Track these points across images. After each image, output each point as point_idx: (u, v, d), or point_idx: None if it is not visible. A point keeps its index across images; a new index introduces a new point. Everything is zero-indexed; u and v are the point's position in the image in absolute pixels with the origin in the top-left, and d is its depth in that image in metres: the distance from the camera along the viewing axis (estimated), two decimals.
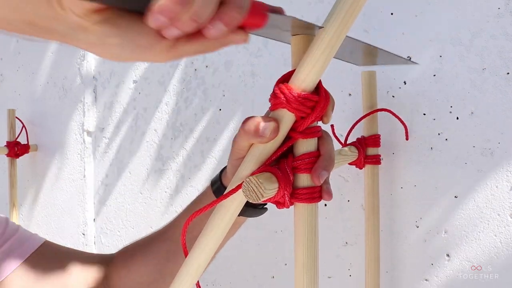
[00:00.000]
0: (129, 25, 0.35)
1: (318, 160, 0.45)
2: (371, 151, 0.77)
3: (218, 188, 0.56)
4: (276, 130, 0.43)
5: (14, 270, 0.64)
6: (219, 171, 0.60)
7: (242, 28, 0.38)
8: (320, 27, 0.41)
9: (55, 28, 0.35)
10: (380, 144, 0.78)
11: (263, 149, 0.44)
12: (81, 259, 0.69)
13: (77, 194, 1.32)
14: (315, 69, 0.41)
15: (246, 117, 0.45)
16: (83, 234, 1.31)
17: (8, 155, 1.39)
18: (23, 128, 1.41)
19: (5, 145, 1.39)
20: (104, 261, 0.70)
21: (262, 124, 0.42)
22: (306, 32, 0.44)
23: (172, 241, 0.62)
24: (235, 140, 0.47)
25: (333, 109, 0.46)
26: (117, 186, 1.23)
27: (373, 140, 0.77)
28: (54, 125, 1.38)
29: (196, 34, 0.36)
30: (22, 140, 1.40)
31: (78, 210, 1.32)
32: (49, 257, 0.67)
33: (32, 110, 1.44)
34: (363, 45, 0.48)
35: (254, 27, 0.38)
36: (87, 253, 0.72)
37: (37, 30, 0.35)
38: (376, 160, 0.77)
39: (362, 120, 0.77)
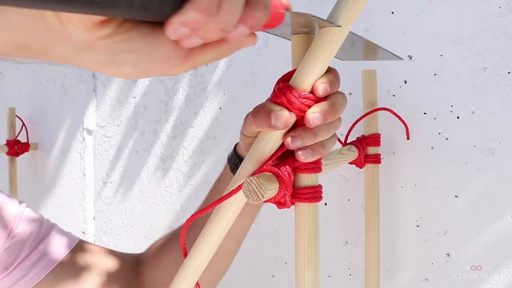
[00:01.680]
0: (141, 38, 0.29)
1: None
2: (371, 150, 0.77)
3: (237, 164, 0.54)
4: (289, 119, 0.42)
5: (51, 270, 0.65)
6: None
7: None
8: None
9: (53, 49, 0.29)
10: (380, 143, 0.78)
11: (263, 149, 0.44)
12: (115, 259, 0.70)
13: (77, 192, 1.32)
14: (316, 69, 0.41)
15: (256, 106, 0.44)
16: (83, 233, 1.31)
17: (8, 153, 1.39)
18: (23, 126, 1.41)
19: (5, 144, 1.39)
20: (136, 260, 0.71)
21: (273, 119, 0.42)
22: (307, 31, 0.44)
23: (197, 227, 0.61)
24: (244, 126, 0.47)
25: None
26: (117, 185, 1.23)
27: (373, 139, 0.77)
28: (54, 123, 1.38)
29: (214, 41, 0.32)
30: (22, 138, 1.40)
31: (78, 209, 1.32)
32: (85, 257, 0.68)
33: (32, 108, 1.44)
34: (363, 40, 0.48)
35: (270, 27, 0.35)
36: (121, 252, 0.73)
37: (31, 53, 0.29)
38: (376, 159, 0.77)
39: (362, 119, 0.77)
